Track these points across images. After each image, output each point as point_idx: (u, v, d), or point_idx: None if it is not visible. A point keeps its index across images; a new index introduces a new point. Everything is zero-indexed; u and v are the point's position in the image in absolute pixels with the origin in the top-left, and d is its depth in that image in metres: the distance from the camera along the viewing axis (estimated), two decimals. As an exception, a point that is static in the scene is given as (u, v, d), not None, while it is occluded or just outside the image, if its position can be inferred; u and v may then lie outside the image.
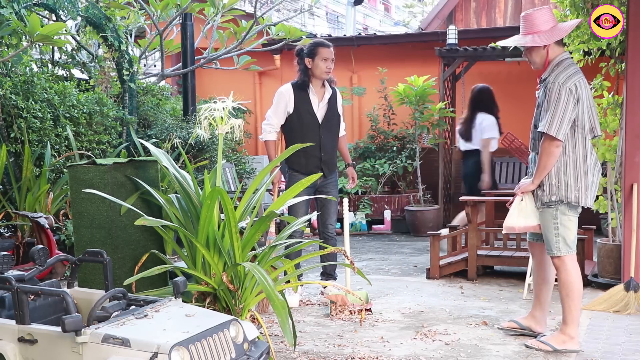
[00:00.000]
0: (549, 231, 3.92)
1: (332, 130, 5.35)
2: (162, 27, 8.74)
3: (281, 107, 5.26)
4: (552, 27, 3.90)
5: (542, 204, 3.91)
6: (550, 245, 3.93)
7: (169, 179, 5.04)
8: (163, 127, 8.17)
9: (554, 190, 3.86)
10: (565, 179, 3.84)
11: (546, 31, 3.89)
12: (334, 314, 4.80)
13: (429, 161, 9.35)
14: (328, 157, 5.28)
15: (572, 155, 3.85)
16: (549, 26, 3.90)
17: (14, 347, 2.89)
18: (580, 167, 3.85)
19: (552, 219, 3.90)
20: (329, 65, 5.18)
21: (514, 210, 4.05)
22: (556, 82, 3.77)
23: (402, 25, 25.24)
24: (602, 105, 5.99)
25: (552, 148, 3.79)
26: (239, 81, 10.66)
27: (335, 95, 5.36)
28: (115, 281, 3.71)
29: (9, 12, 5.46)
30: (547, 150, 3.81)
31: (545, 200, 3.89)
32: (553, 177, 3.85)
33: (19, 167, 6.12)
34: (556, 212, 3.88)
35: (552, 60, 3.90)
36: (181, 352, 2.65)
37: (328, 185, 5.33)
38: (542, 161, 3.83)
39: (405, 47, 10.25)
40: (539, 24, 3.90)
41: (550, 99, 3.76)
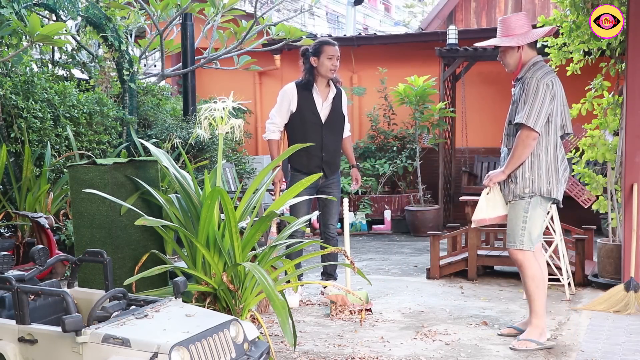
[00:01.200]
0: (515, 224, 4.01)
1: (336, 130, 5.33)
2: (162, 27, 8.74)
3: (284, 106, 5.25)
4: (526, 32, 4.06)
5: (515, 196, 3.99)
6: (514, 238, 4.03)
7: (169, 179, 5.04)
8: (163, 127, 8.17)
9: (528, 183, 3.96)
10: (538, 172, 3.95)
11: (520, 34, 4.06)
12: (334, 314, 4.80)
13: (429, 161, 9.36)
14: (330, 157, 5.27)
15: (544, 149, 3.96)
16: (524, 30, 4.06)
17: (14, 347, 2.89)
18: (552, 161, 3.98)
19: (523, 212, 3.98)
20: (335, 63, 5.16)
21: (482, 203, 4.10)
22: (534, 77, 3.90)
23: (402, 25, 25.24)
24: (602, 105, 5.99)
25: (529, 140, 3.89)
26: (239, 81, 10.66)
27: (340, 96, 5.34)
28: (116, 281, 3.71)
29: (9, 12, 5.46)
30: (524, 141, 3.90)
31: (517, 192, 3.98)
32: (527, 171, 3.96)
33: (19, 167, 6.12)
34: (528, 206, 3.98)
35: (526, 62, 4.04)
36: (181, 352, 2.65)
37: (330, 185, 5.33)
38: (517, 152, 3.92)
39: (405, 47, 10.25)
40: (515, 28, 4.06)
41: (529, 93, 3.89)
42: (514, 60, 4.08)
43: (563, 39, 6.13)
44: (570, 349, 4.04)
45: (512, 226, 4.03)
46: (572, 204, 6.07)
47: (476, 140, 9.66)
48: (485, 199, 4.10)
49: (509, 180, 4.01)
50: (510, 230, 4.04)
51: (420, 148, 9.12)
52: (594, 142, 5.91)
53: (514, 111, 4.03)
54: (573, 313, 4.86)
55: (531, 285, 4.05)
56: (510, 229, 4.04)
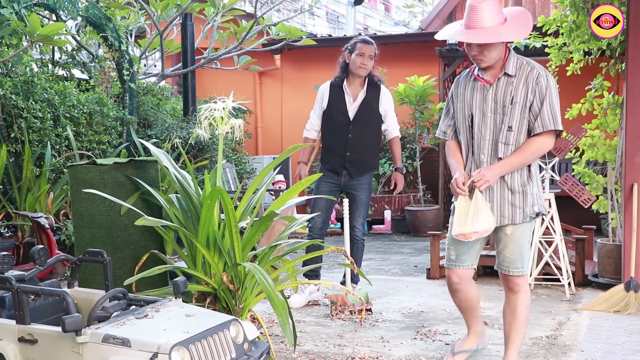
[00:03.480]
0: (523, 246, 3.44)
1: (366, 130, 5.19)
2: (162, 27, 8.74)
3: (318, 104, 5.28)
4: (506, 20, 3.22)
5: (524, 217, 3.36)
6: (522, 263, 3.48)
7: (169, 179, 5.04)
8: (163, 127, 8.17)
9: (536, 200, 3.39)
10: (539, 185, 3.44)
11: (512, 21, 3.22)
12: (334, 314, 4.80)
13: (429, 161, 9.36)
14: (356, 157, 5.14)
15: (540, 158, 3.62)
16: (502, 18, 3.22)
17: (14, 347, 2.89)
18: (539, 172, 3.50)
19: (529, 232, 3.46)
20: (364, 61, 5.08)
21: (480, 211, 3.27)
22: (549, 75, 3.30)
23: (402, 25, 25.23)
24: (602, 105, 6.00)
25: (547, 147, 3.34)
26: (239, 81, 10.65)
27: (377, 94, 5.22)
28: (116, 281, 3.71)
29: (9, 12, 5.46)
30: (544, 147, 3.30)
31: (528, 212, 3.36)
32: (534, 185, 3.38)
33: (19, 167, 6.12)
34: (531, 224, 3.44)
35: (507, 56, 3.31)
36: (181, 352, 2.65)
37: (355, 186, 5.20)
38: (526, 156, 3.27)
39: (405, 47, 10.24)
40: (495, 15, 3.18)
41: (551, 92, 3.25)
42: (499, 53, 3.26)
43: (563, 39, 6.14)
44: (570, 349, 4.04)
45: (520, 250, 3.44)
46: (572, 204, 6.06)
47: (476, 140, 9.65)
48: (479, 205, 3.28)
49: (514, 197, 3.34)
50: (519, 254, 3.44)
51: (420, 148, 9.12)
52: (594, 142, 5.91)
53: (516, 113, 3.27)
54: (573, 313, 4.86)
55: (523, 315, 3.57)
56: (519, 253, 3.44)
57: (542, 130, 3.25)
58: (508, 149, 3.29)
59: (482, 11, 3.14)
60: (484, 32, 3.14)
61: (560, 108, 3.44)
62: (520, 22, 3.21)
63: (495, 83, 3.30)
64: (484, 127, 3.32)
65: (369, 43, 5.17)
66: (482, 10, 3.14)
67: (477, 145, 3.35)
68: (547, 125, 3.24)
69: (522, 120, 3.27)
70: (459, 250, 3.51)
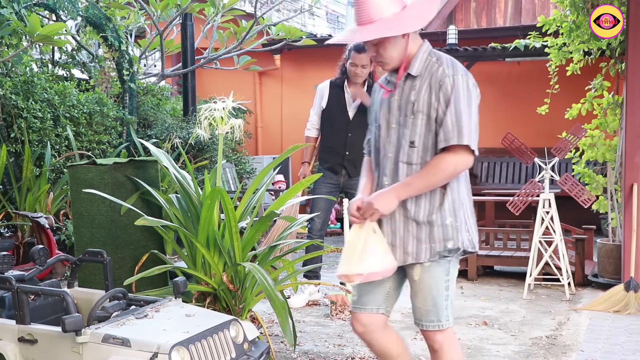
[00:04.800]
0: (437, 294, 2.63)
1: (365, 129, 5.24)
2: (162, 27, 8.74)
3: (317, 103, 5.32)
4: (405, 8, 2.54)
5: (433, 254, 2.56)
6: (437, 315, 2.66)
7: (169, 179, 5.04)
8: (163, 127, 8.17)
9: (450, 234, 2.55)
10: (460, 215, 2.59)
11: (401, 12, 2.52)
12: (334, 314, 4.80)
13: (429, 161, 9.34)
14: (355, 156, 5.12)
15: (464, 181, 2.64)
16: (400, 6, 2.53)
17: (14, 347, 2.89)
18: (468, 197, 2.66)
19: (445, 275, 2.62)
20: (357, 71, 5.07)
21: (368, 247, 2.53)
22: (458, 74, 2.50)
23: (402, 25, 25.22)
24: (602, 105, 6.00)
25: (462, 167, 2.52)
26: (239, 81, 10.66)
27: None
28: (116, 281, 3.71)
29: (9, 12, 5.46)
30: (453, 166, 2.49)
31: (438, 249, 2.55)
32: (447, 215, 2.55)
33: (19, 167, 6.12)
34: (449, 265, 2.62)
35: (415, 53, 2.58)
36: (181, 352, 2.65)
37: (354, 185, 5.17)
38: (432, 177, 2.49)
39: (405, 47, 10.22)
40: (383, 7, 2.50)
41: (458, 99, 2.46)
42: (399, 51, 2.55)
43: (563, 39, 6.14)
44: (570, 349, 4.04)
45: (432, 299, 2.64)
46: (572, 204, 6.06)
47: (476, 140, 9.65)
48: (370, 239, 2.54)
49: (419, 230, 2.56)
50: (431, 304, 2.65)
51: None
52: (594, 142, 5.91)
53: (408, 124, 2.55)
54: (573, 313, 4.86)
55: None
56: (431, 303, 2.64)
57: (445, 145, 2.47)
58: (411, 169, 2.53)
59: (369, 2, 2.48)
60: (371, 27, 2.48)
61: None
62: (421, 9, 2.53)
63: (399, 87, 2.59)
64: (387, 143, 2.60)
65: (361, 51, 5.14)
66: (369, 2, 2.48)
67: (382, 165, 2.63)
68: (449, 138, 2.45)
69: (427, 134, 2.51)
70: (362, 289, 2.75)
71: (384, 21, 2.48)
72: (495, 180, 9.49)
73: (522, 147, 5.45)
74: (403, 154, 2.56)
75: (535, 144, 6.61)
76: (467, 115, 2.46)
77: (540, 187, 5.40)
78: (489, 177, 9.58)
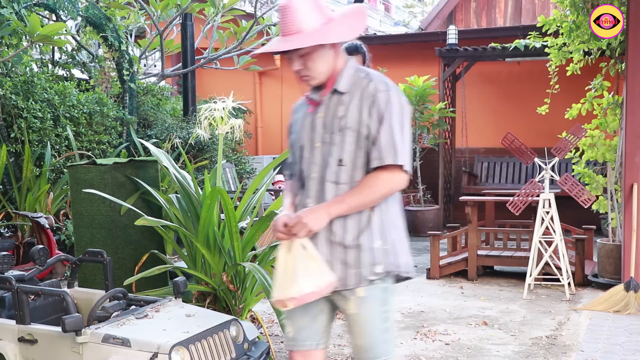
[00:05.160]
0: (375, 328, 2.38)
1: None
2: (162, 27, 8.74)
3: None
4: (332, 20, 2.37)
5: (360, 281, 2.32)
6: (375, 350, 2.42)
7: (169, 179, 5.04)
8: (163, 127, 8.17)
9: (379, 257, 2.33)
10: (390, 238, 2.38)
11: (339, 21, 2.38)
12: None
13: (429, 161, 9.35)
14: None
15: (395, 200, 2.44)
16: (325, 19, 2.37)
17: (14, 347, 2.89)
18: (400, 219, 2.47)
19: (381, 306, 2.37)
20: None
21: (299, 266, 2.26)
22: (392, 91, 2.34)
23: (402, 25, 25.23)
24: (602, 105, 6.00)
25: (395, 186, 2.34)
26: (239, 81, 10.66)
27: None
28: (116, 281, 3.71)
29: (9, 12, 5.46)
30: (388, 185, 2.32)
31: (365, 274, 2.31)
32: (376, 237, 2.33)
33: (19, 167, 6.12)
34: (385, 294, 2.37)
35: (342, 69, 2.41)
36: (181, 352, 2.65)
37: None
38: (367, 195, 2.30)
39: (405, 47, 10.24)
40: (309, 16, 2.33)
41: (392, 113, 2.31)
42: (328, 65, 2.37)
43: (563, 39, 6.14)
44: (570, 349, 4.04)
45: (369, 333, 2.39)
46: (572, 204, 6.06)
47: (476, 140, 9.66)
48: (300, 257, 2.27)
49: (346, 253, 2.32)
50: (367, 339, 2.41)
51: (420, 148, 9.11)
52: (594, 142, 5.91)
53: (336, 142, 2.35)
54: (573, 313, 4.86)
55: None
56: (367, 338, 2.40)
57: (380, 164, 2.29)
58: (339, 189, 2.34)
59: (295, 12, 2.31)
60: (300, 36, 2.31)
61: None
62: (350, 20, 2.39)
63: (324, 104, 2.40)
64: (312, 163, 2.39)
65: (353, 53, 5.12)
66: (295, 11, 2.31)
67: (306, 187, 2.41)
68: (384, 157, 2.29)
69: (357, 152, 2.33)
70: (298, 322, 2.47)
71: (311, 31, 2.31)
72: (495, 180, 9.49)
73: (522, 147, 5.45)
74: (330, 173, 2.34)
75: (535, 144, 6.60)
76: (401, 134, 2.33)
77: (540, 187, 5.40)
78: (489, 177, 9.58)
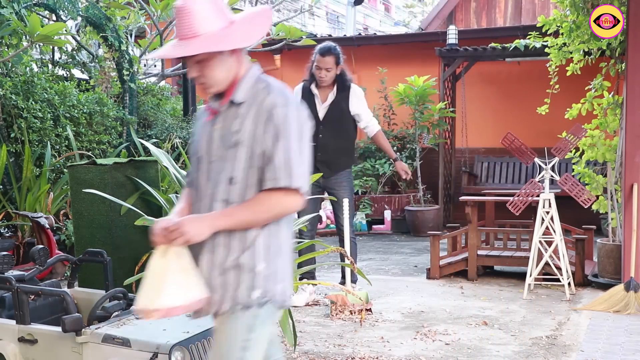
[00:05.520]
0: (229, 353, 2.14)
1: (337, 130, 5.30)
2: (162, 27, 8.73)
3: None
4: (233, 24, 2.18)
5: (236, 304, 2.12)
6: None
7: (169, 179, 5.04)
8: (163, 127, 8.17)
9: (260, 282, 2.13)
10: (276, 263, 2.17)
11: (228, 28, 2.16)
12: (334, 314, 4.80)
13: (429, 161, 9.36)
14: (328, 157, 5.23)
15: (286, 224, 2.23)
16: (226, 22, 2.17)
17: (14, 347, 2.90)
18: (289, 244, 2.25)
19: (245, 332, 2.15)
20: (321, 74, 5.16)
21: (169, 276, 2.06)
22: (291, 105, 2.14)
23: (402, 25, 25.24)
24: (602, 105, 6.00)
25: (288, 209, 2.16)
26: (239, 81, 10.64)
27: (346, 96, 5.29)
28: (116, 281, 3.71)
29: (9, 12, 5.46)
30: (280, 206, 2.13)
31: (242, 299, 2.12)
32: (259, 260, 2.14)
33: (19, 167, 6.12)
34: (255, 321, 2.15)
35: (242, 77, 2.20)
36: (181, 352, 2.65)
37: (334, 184, 5.31)
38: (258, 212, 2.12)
39: (405, 47, 10.24)
40: (208, 20, 2.14)
41: (290, 130, 2.11)
42: (227, 72, 2.18)
43: (563, 39, 6.14)
44: (570, 349, 4.04)
45: (221, 357, 2.16)
46: (572, 204, 6.06)
47: (476, 140, 9.66)
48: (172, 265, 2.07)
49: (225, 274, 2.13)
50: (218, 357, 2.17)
51: (420, 148, 9.11)
52: (594, 142, 5.91)
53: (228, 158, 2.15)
54: (573, 313, 4.86)
55: None
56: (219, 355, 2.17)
57: (273, 186, 2.10)
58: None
59: (192, 14, 2.12)
60: (196, 41, 2.12)
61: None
62: (251, 25, 2.21)
63: (221, 115, 2.20)
64: (206, 179, 2.21)
65: (326, 55, 5.17)
66: (192, 13, 2.12)
67: (197, 203, 2.23)
68: (278, 178, 2.09)
69: (250, 170, 2.13)
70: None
71: (209, 35, 2.12)
72: (495, 180, 9.49)
73: (522, 147, 5.45)
74: (221, 191, 2.15)
75: (535, 144, 6.60)
76: (299, 154, 2.12)
77: (540, 187, 5.40)
78: (489, 177, 9.58)
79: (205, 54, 2.12)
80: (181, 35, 2.15)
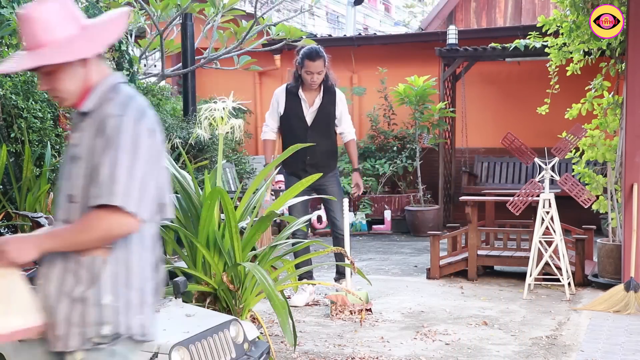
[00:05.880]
0: None
1: (324, 134, 5.36)
2: (162, 27, 8.73)
3: (274, 108, 5.42)
4: (84, 29, 2.01)
5: (84, 342, 1.90)
6: None
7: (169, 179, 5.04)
8: (163, 127, 8.16)
9: (108, 316, 1.90)
10: (126, 294, 1.93)
11: (77, 35, 1.98)
12: (334, 314, 4.80)
13: (429, 161, 9.36)
14: (316, 160, 5.27)
15: (141, 249, 1.98)
16: (77, 28, 1.99)
17: (15, 347, 2.89)
18: (148, 270, 2.01)
19: None
20: (313, 79, 5.19)
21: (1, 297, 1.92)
22: (127, 116, 1.92)
23: (402, 25, 25.24)
24: (602, 105, 6.00)
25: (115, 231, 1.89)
26: (239, 81, 10.65)
27: (333, 99, 5.36)
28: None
29: (9, 12, 5.46)
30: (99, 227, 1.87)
31: (91, 334, 1.90)
32: (105, 292, 1.91)
33: (19, 167, 6.12)
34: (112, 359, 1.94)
35: (96, 84, 2.01)
36: (181, 352, 2.65)
37: (323, 186, 5.34)
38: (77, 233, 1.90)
39: (405, 47, 10.24)
40: (55, 28, 1.96)
41: (121, 145, 1.89)
42: (77, 83, 2.00)
43: (563, 39, 6.14)
44: (570, 349, 4.04)
45: None
46: (572, 204, 6.06)
47: (476, 140, 9.67)
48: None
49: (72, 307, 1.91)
50: None
51: (420, 148, 9.12)
52: (594, 142, 5.91)
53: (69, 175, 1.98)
54: (573, 313, 4.86)
55: None
56: None
57: (94, 204, 1.88)
58: None
59: (36, 23, 1.94)
60: (38, 53, 1.95)
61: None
62: (104, 29, 2.05)
63: (76, 130, 2.06)
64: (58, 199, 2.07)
65: (314, 59, 5.19)
66: (35, 22, 1.94)
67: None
68: (99, 195, 1.87)
69: (88, 187, 1.92)
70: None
71: (54, 45, 1.95)
72: (495, 180, 9.50)
73: (522, 147, 5.45)
74: (63, 211, 2.00)
75: (535, 144, 6.60)
76: (128, 169, 1.88)
77: (540, 187, 5.40)
78: (489, 177, 9.58)
79: (51, 66, 1.94)
80: (27, 46, 1.98)
